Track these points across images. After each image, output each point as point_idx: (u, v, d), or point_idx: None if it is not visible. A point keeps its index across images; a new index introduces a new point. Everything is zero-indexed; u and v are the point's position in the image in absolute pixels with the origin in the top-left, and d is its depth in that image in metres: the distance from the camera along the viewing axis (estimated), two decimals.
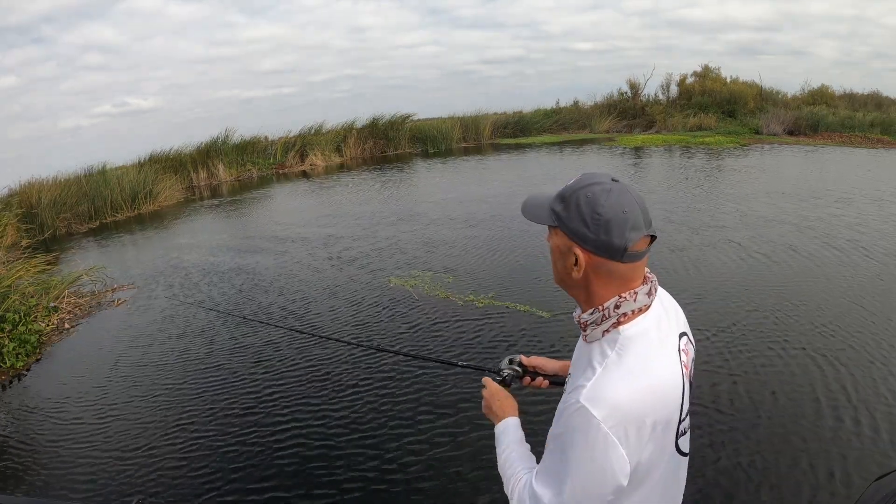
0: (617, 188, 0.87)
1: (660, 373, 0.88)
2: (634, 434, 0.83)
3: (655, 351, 0.90)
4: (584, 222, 0.87)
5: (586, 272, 0.91)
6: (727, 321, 4.21)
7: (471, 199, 9.77)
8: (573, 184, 0.91)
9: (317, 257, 6.95)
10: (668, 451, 0.92)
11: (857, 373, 3.39)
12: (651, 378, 0.86)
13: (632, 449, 0.83)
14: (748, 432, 2.91)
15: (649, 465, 0.88)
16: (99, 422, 3.58)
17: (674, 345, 0.93)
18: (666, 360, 0.90)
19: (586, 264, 0.90)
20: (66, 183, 11.92)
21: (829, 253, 5.66)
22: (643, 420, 0.84)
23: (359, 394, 3.58)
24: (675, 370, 0.90)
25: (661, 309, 0.96)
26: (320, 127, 18.76)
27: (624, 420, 0.82)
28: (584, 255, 0.89)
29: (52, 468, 3.12)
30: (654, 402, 0.86)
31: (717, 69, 21.50)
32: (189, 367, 4.23)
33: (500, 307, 4.78)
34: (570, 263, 0.92)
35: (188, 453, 3.12)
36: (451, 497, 2.62)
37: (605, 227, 0.86)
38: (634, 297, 0.90)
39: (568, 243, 0.91)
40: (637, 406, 0.83)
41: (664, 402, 0.87)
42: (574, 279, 0.93)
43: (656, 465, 0.90)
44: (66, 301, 6.08)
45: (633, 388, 0.84)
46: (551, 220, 0.93)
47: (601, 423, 0.81)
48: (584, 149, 16.51)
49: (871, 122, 16.69)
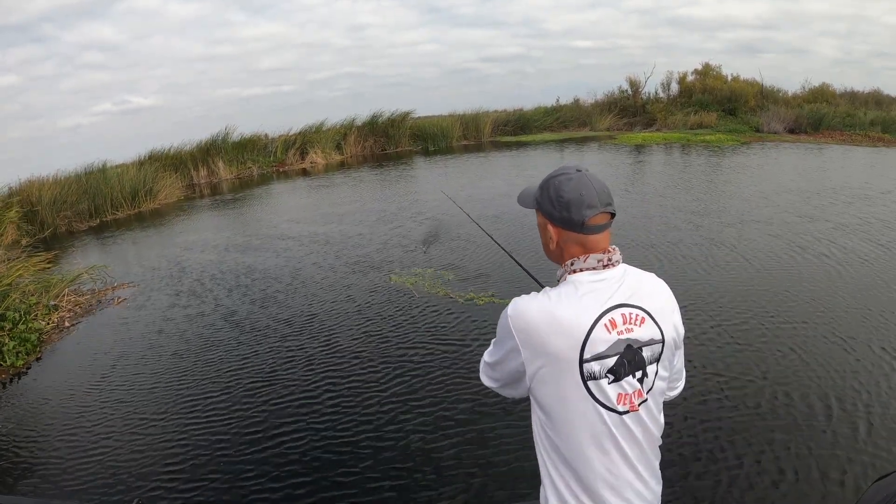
0: (577, 176, 1.12)
1: (567, 308, 1.09)
2: (528, 336, 1.09)
3: (578, 296, 1.10)
4: (552, 203, 1.14)
5: (558, 242, 1.18)
6: (728, 319, 4.21)
7: (471, 196, 9.76)
8: (548, 176, 1.18)
9: (317, 255, 6.94)
10: (573, 387, 1.08)
11: (857, 372, 3.39)
12: (557, 307, 1.09)
13: (526, 348, 1.10)
14: (748, 432, 2.91)
15: (553, 390, 1.10)
16: (99, 421, 3.58)
17: (605, 302, 1.10)
18: (583, 305, 1.09)
19: (556, 236, 1.17)
20: (66, 181, 11.88)
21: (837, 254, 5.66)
22: (537, 332, 1.08)
23: (359, 394, 3.59)
24: (586, 314, 1.08)
25: (618, 280, 1.14)
26: (320, 125, 18.72)
27: (522, 324, 1.10)
28: (553, 229, 1.17)
29: (51, 468, 3.12)
30: (550, 323, 1.08)
31: (717, 67, 21.50)
32: (189, 367, 4.23)
33: (502, 305, 4.76)
34: (547, 237, 1.20)
35: (188, 453, 3.12)
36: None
37: (566, 206, 1.12)
38: (585, 259, 1.14)
39: (544, 221, 1.19)
40: (534, 318, 1.09)
41: (561, 331, 1.07)
42: (552, 249, 1.21)
43: (567, 401, 1.09)
44: (66, 299, 6.08)
45: (537, 308, 1.11)
46: (533, 204, 1.22)
47: (509, 317, 1.12)
48: (585, 146, 16.49)
49: (871, 121, 16.70)
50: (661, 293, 1.19)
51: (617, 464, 1.11)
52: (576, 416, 1.10)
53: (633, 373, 1.11)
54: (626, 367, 1.10)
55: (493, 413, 3.20)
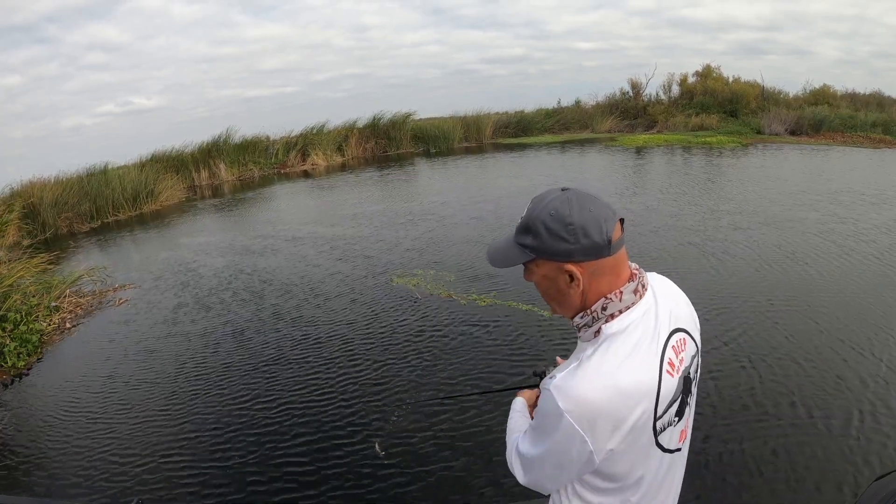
0: (571, 194, 0.90)
1: (632, 372, 0.89)
2: (600, 428, 0.87)
3: (632, 350, 0.91)
4: (562, 238, 0.89)
5: (583, 284, 0.92)
6: (736, 319, 4.21)
7: (472, 199, 9.77)
8: (529, 213, 0.93)
9: (317, 257, 6.95)
10: (646, 447, 0.93)
11: (857, 372, 3.39)
12: (621, 377, 0.88)
13: (596, 440, 0.87)
14: (748, 432, 2.90)
15: (627, 460, 0.92)
16: (99, 421, 3.58)
17: (658, 343, 0.93)
18: (642, 359, 0.91)
19: (582, 275, 0.91)
20: (67, 182, 11.92)
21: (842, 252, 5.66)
22: (608, 417, 0.87)
23: (359, 395, 3.59)
24: (649, 368, 0.91)
25: (653, 305, 0.96)
26: (322, 126, 18.75)
27: (588, 414, 0.86)
28: (576, 268, 0.91)
29: (52, 468, 3.13)
30: (622, 400, 0.87)
31: (718, 68, 21.50)
32: (190, 367, 4.23)
33: (503, 306, 4.78)
34: (563, 285, 0.93)
35: (188, 453, 3.13)
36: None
37: (583, 231, 0.88)
38: (620, 297, 0.92)
39: (555, 267, 0.92)
40: (601, 405, 0.86)
41: (632, 402, 0.88)
42: (573, 297, 0.94)
43: (638, 462, 0.94)
44: (67, 300, 6.10)
45: (599, 387, 0.87)
46: (526, 256, 0.94)
47: (565, 413, 0.86)
48: (586, 148, 16.49)
49: (873, 123, 16.68)
50: (681, 297, 1.05)
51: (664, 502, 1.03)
52: (643, 473, 0.96)
53: (690, 403, 1.00)
54: (686, 402, 0.99)
55: (505, 403, 3.20)
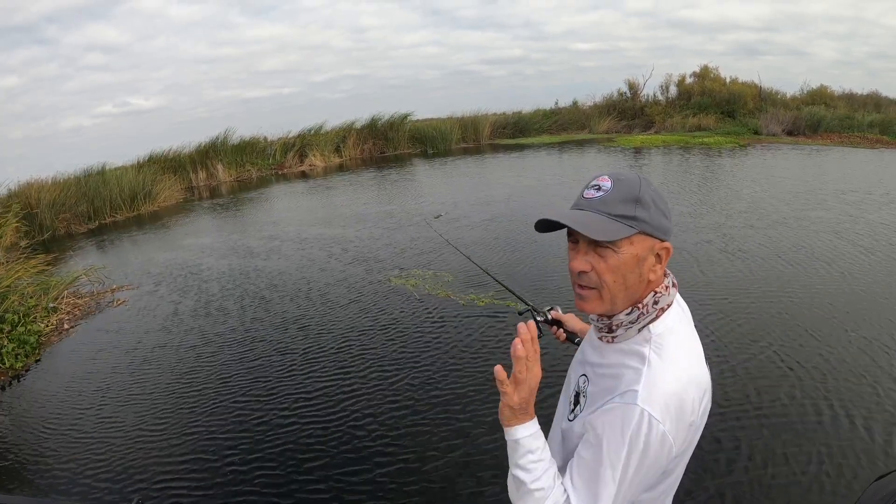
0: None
1: (697, 365, 0.88)
2: (683, 427, 0.84)
3: (687, 343, 0.89)
4: (664, 214, 0.87)
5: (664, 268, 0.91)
6: (733, 323, 4.22)
7: (470, 200, 9.77)
8: (635, 186, 0.86)
9: (315, 257, 6.94)
10: (692, 445, 0.92)
11: (858, 372, 3.40)
12: (693, 370, 0.86)
13: (678, 440, 0.84)
14: (748, 432, 2.91)
15: (682, 454, 0.90)
16: (99, 422, 3.57)
17: (696, 335, 0.93)
18: (696, 352, 0.90)
19: (667, 257, 0.90)
20: (65, 183, 11.91)
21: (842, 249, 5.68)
22: (689, 411, 0.84)
23: (357, 395, 3.58)
24: (703, 360, 0.90)
25: (676, 304, 0.96)
26: (320, 127, 18.76)
27: (676, 415, 0.82)
28: (665, 248, 0.89)
29: (51, 468, 3.12)
30: (697, 394, 0.85)
31: (715, 69, 21.59)
32: (189, 368, 4.22)
33: (501, 306, 4.78)
34: (647, 268, 0.87)
35: (188, 453, 3.12)
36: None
37: (670, 212, 0.89)
38: (667, 290, 0.91)
39: (649, 245, 0.87)
40: (684, 398, 0.83)
41: (702, 392, 0.87)
42: (644, 283, 0.89)
43: (686, 453, 0.92)
44: (65, 301, 6.08)
45: (682, 380, 0.83)
46: (629, 231, 0.84)
47: (660, 423, 0.80)
48: (584, 149, 16.51)
49: (870, 123, 16.74)
50: None
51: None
52: (681, 471, 0.95)
53: None
54: None
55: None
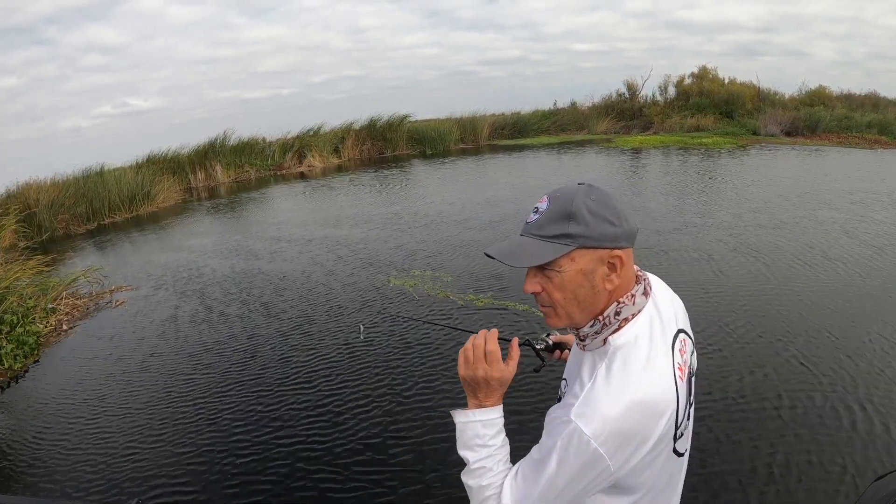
0: (593, 183, 0.88)
1: (649, 385, 0.83)
2: (625, 447, 0.81)
3: (647, 359, 0.85)
4: (608, 221, 0.84)
5: (621, 274, 0.87)
6: (736, 320, 4.22)
7: (469, 201, 9.77)
8: (561, 202, 0.86)
9: (314, 258, 6.94)
10: (663, 456, 0.89)
11: (858, 372, 3.40)
12: (640, 392, 0.82)
13: (618, 460, 0.81)
14: (748, 432, 2.91)
15: (643, 472, 0.87)
16: (98, 423, 3.57)
17: (666, 348, 0.88)
18: (657, 370, 0.85)
19: (627, 262, 0.87)
20: (64, 184, 11.89)
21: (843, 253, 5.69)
22: (634, 434, 0.82)
23: (355, 396, 3.58)
24: (666, 378, 0.85)
25: (654, 309, 0.92)
26: (319, 128, 18.75)
27: (614, 435, 0.80)
28: (622, 255, 0.86)
29: (51, 469, 3.11)
30: (645, 416, 0.82)
31: (714, 70, 21.61)
32: (188, 368, 4.22)
33: (500, 306, 4.78)
34: (599, 279, 0.86)
35: (187, 454, 3.12)
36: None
37: (623, 216, 0.85)
38: (633, 300, 0.88)
39: (595, 257, 0.85)
40: (627, 422, 0.81)
41: (656, 414, 0.83)
42: (602, 295, 0.87)
43: (652, 472, 0.89)
44: (64, 302, 6.07)
45: (622, 404, 0.80)
46: (565, 248, 0.84)
47: (591, 439, 0.79)
48: (583, 150, 16.52)
49: (868, 123, 16.78)
50: (674, 296, 1.02)
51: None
52: (655, 481, 0.91)
53: (692, 402, 0.98)
54: (691, 402, 0.96)
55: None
